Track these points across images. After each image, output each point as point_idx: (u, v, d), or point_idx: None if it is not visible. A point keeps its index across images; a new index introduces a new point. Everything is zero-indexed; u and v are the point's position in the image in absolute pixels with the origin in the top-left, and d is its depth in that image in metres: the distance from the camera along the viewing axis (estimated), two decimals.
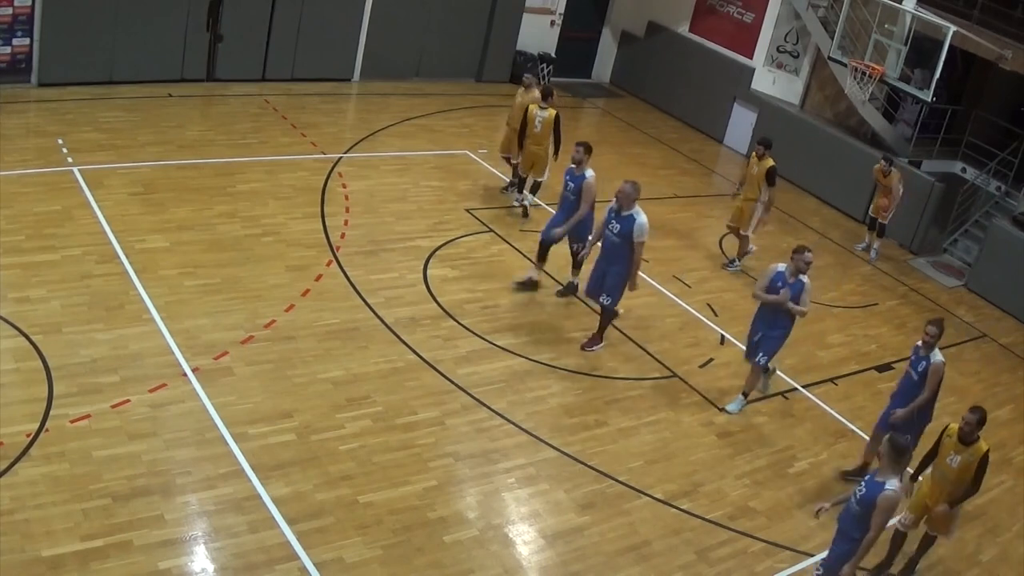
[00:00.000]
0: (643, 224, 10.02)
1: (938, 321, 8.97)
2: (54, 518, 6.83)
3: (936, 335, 8.87)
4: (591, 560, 7.69)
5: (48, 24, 14.22)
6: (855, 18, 16.24)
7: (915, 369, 9.02)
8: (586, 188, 10.98)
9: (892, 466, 6.86)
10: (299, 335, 9.71)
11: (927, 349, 8.89)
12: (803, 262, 9.52)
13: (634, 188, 10.01)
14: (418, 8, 18.07)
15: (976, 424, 7.75)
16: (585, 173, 11.05)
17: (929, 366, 8.85)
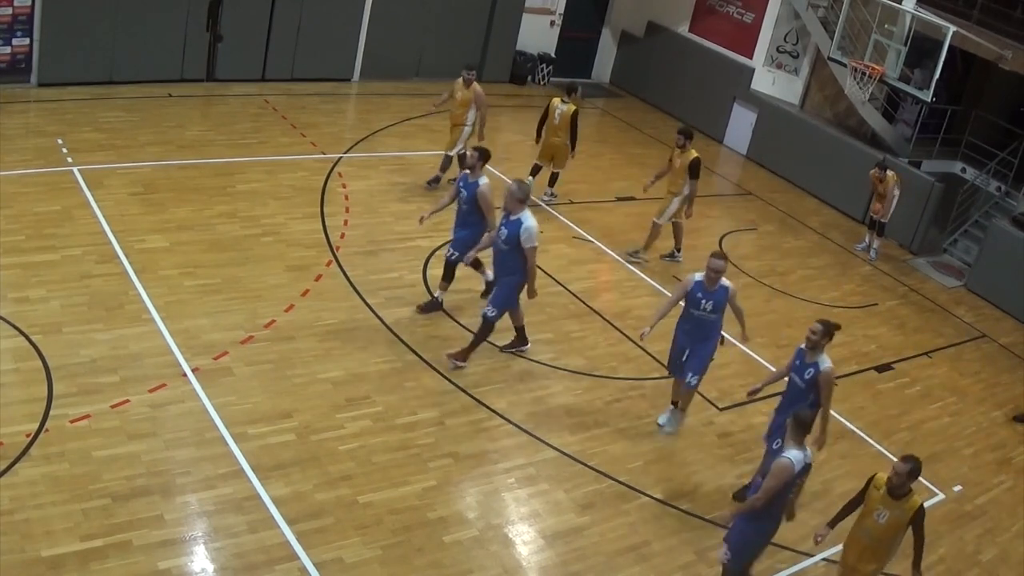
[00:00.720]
0: (531, 228, 9.19)
1: (825, 321, 8.10)
2: (54, 518, 6.83)
3: (820, 334, 7.95)
4: (591, 560, 7.69)
5: (48, 24, 14.22)
6: (855, 18, 16.25)
7: (800, 375, 8.12)
8: (480, 197, 10.01)
9: (795, 438, 6.90)
10: (299, 335, 9.71)
11: (812, 352, 8.02)
12: (711, 270, 8.77)
13: (520, 188, 9.25)
14: (418, 8, 18.07)
15: (908, 475, 6.75)
16: (479, 180, 10.07)
17: (817, 374, 7.97)
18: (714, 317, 9.00)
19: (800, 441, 6.90)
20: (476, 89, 13.25)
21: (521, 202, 9.24)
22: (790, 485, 6.92)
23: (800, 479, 7.07)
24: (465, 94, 13.28)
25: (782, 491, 6.88)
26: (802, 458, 6.86)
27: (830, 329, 7.99)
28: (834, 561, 8.27)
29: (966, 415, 11.32)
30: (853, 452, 10.00)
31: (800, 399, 8.03)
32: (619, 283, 12.53)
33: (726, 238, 14.79)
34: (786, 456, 6.83)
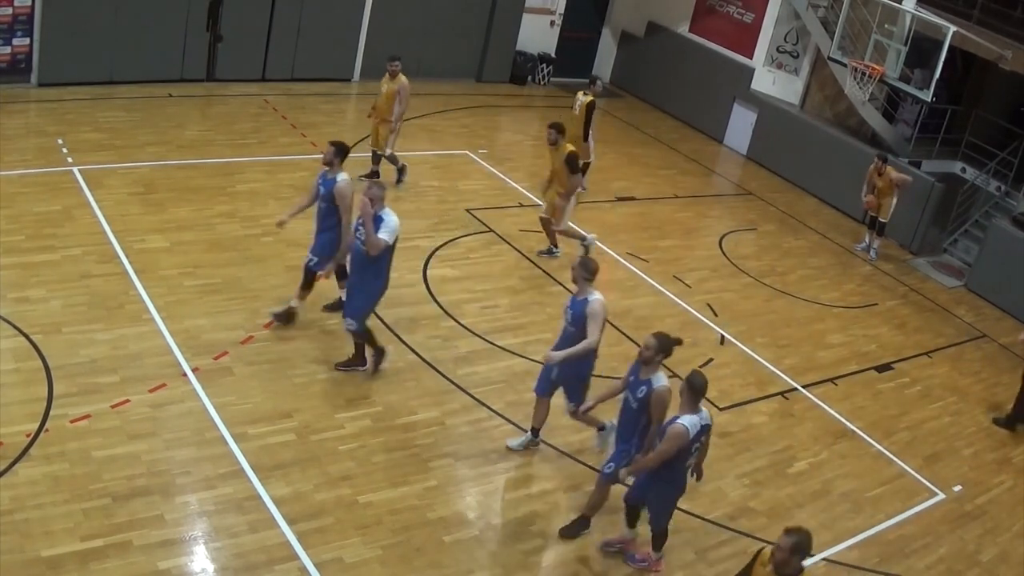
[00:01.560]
0: (391, 223, 8.57)
1: (661, 335, 7.25)
2: (54, 518, 6.83)
3: (655, 349, 7.12)
4: (591, 560, 7.68)
5: (48, 24, 14.22)
6: (855, 18, 16.25)
7: (634, 394, 7.32)
8: (338, 194, 9.30)
9: (689, 403, 7.01)
10: (299, 335, 9.70)
11: (646, 369, 7.23)
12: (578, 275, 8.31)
13: (381, 188, 8.63)
14: (418, 8, 18.07)
15: (791, 551, 5.75)
16: (337, 177, 9.39)
17: (650, 392, 7.16)
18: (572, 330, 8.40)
19: (695, 406, 6.99)
20: (402, 81, 12.77)
21: (382, 200, 8.56)
22: (685, 450, 7.01)
23: (701, 441, 7.21)
24: (391, 87, 12.83)
25: (676, 455, 7.00)
26: (697, 421, 6.98)
27: (666, 345, 7.16)
28: (834, 561, 8.29)
29: (966, 415, 11.32)
30: (853, 452, 10.00)
31: (633, 420, 7.33)
32: (619, 283, 12.53)
33: (726, 238, 14.79)
34: (680, 422, 6.89)
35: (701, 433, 7.10)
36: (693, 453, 7.20)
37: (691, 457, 7.21)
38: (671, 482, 7.26)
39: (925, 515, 9.26)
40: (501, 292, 11.48)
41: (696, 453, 7.26)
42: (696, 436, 7.03)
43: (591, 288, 8.41)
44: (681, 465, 7.17)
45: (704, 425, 7.12)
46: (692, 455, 7.20)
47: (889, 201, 14.85)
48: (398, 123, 13.01)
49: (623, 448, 7.49)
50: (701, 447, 7.31)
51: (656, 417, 7.22)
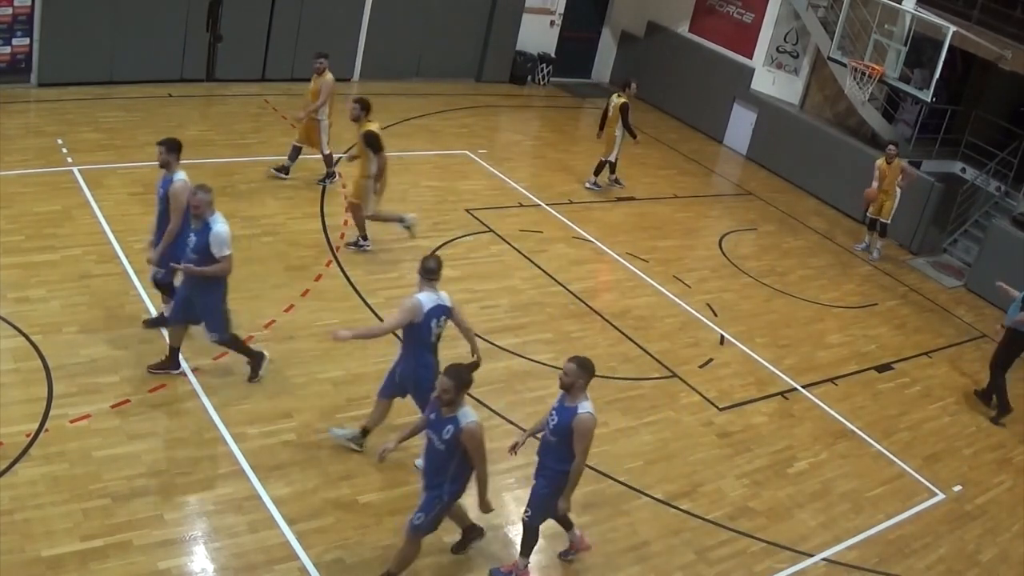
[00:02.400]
0: (221, 233, 8.03)
1: (454, 370, 6.48)
2: (54, 518, 6.83)
3: (454, 390, 6.34)
4: (591, 560, 7.69)
5: (48, 24, 14.22)
6: (855, 18, 16.25)
7: (438, 435, 6.50)
8: (172, 194, 8.58)
9: (583, 387, 6.82)
10: (299, 335, 9.71)
11: (448, 408, 6.42)
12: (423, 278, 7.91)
13: (207, 192, 8.04)
14: (418, 8, 18.07)
15: None
16: (174, 176, 8.63)
17: (459, 431, 6.37)
18: None
19: (584, 389, 6.81)
20: (326, 78, 12.58)
21: (209, 204, 8.05)
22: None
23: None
24: (316, 84, 12.66)
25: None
26: (590, 407, 6.81)
27: (465, 378, 6.46)
28: (834, 561, 8.30)
29: (966, 415, 11.32)
30: (853, 452, 10.00)
31: (442, 463, 6.55)
32: (619, 283, 12.54)
33: (726, 238, 14.79)
34: (586, 411, 6.73)
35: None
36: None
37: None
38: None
39: (925, 515, 9.26)
40: (501, 292, 11.48)
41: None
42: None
43: (433, 285, 7.97)
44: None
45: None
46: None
47: (892, 200, 14.84)
48: (306, 114, 12.68)
49: (434, 496, 6.60)
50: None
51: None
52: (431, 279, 7.83)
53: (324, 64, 12.61)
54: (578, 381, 6.66)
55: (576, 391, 6.66)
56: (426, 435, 6.62)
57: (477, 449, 6.43)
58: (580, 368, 6.71)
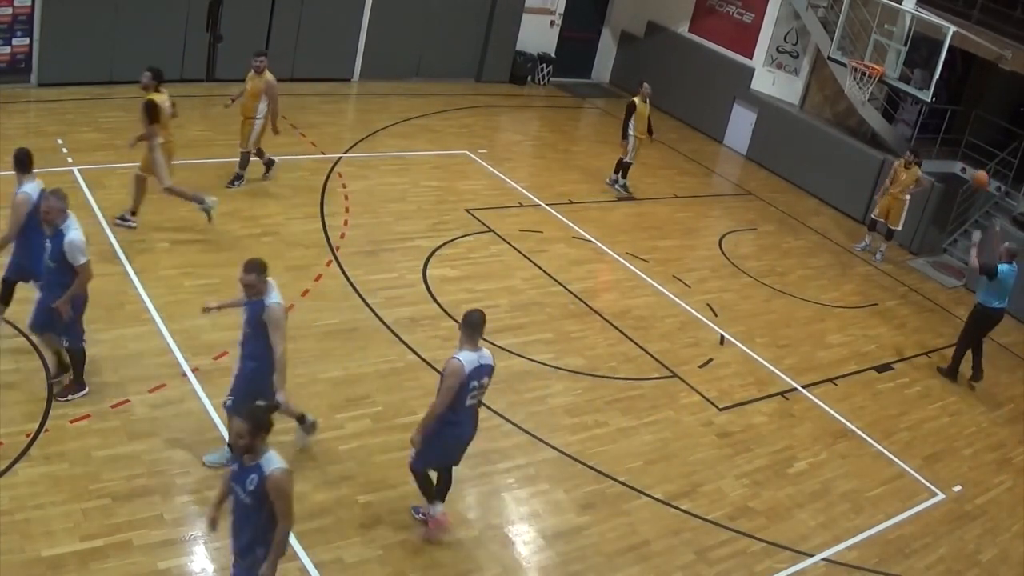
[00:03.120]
0: (75, 240, 7.58)
1: (250, 413, 5.48)
2: (54, 518, 6.83)
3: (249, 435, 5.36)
4: (591, 560, 7.69)
5: (48, 24, 14.23)
6: (855, 18, 16.25)
7: (242, 487, 5.48)
8: (13, 205, 8.09)
9: (467, 340, 7.03)
10: (299, 335, 9.68)
11: (250, 456, 5.45)
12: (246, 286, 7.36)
13: (59, 199, 7.57)
14: (418, 8, 18.07)
15: None
16: (21, 188, 8.11)
17: (264, 480, 5.38)
18: None
19: (474, 343, 6.99)
20: (268, 78, 12.11)
21: (62, 212, 7.59)
22: (465, 386, 6.95)
23: (480, 381, 7.08)
24: (256, 83, 12.14)
25: (458, 391, 6.93)
26: (476, 359, 6.94)
27: (263, 420, 5.46)
28: (834, 561, 8.30)
29: (966, 415, 11.32)
30: (853, 452, 10.00)
31: (250, 520, 5.54)
32: (619, 283, 12.54)
33: (726, 238, 14.80)
34: (456, 358, 6.89)
35: (479, 372, 7.04)
36: (471, 391, 7.06)
37: (470, 398, 7.09)
38: (451, 422, 7.11)
39: (925, 515, 9.26)
40: (501, 292, 11.48)
41: (476, 393, 7.15)
42: (472, 374, 6.97)
43: (269, 288, 7.43)
44: (462, 406, 7.05)
45: (483, 364, 7.06)
46: (471, 394, 7.08)
47: (901, 206, 14.81)
48: (273, 120, 12.34)
49: (247, 564, 5.63)
50: (480, 390, 7.18)
51: (280, 511, 5.45)
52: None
53: (264, 63, 12.15)
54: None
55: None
56: (232, 490, 5.60)
57: (283, 502, 5.43)
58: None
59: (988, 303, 11.59)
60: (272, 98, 12.20)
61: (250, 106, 12.29)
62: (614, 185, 15.58)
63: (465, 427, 7.25)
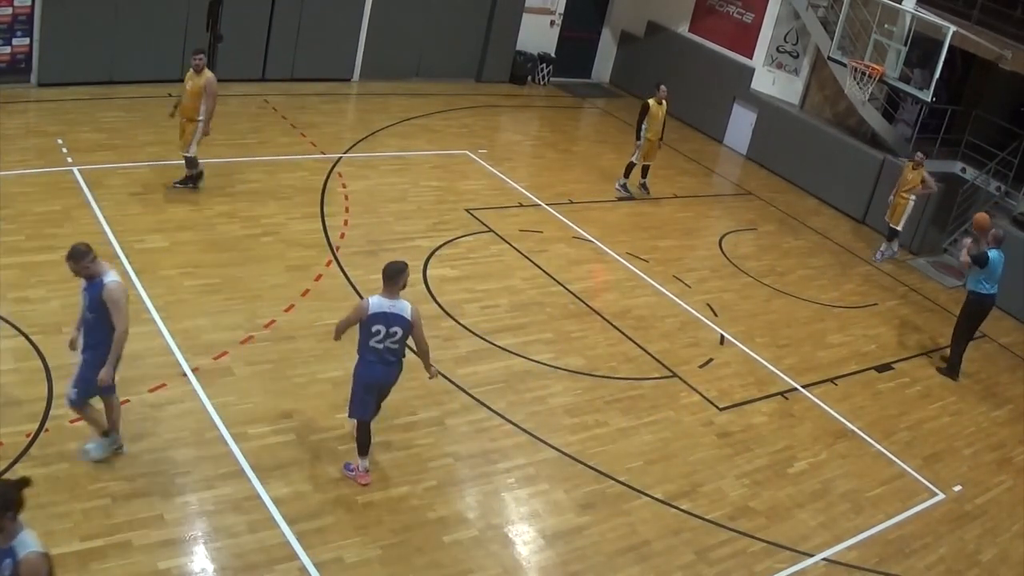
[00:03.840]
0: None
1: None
2: (53, 518, 6.83)
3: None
4: (591, 560, 7.69)
5: (48, 24, 14.23)
6: (855, 18, 16.24)
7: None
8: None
9: (385, 288, 7.44)
10: (299, 335, 9.71)
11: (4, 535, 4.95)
12: None
13: None
14: (418, 8, 18.07)
15: None
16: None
17: (18, 565, 4.89)
18: None
19: (391, 292, 7.43)
20: (208, 76, 11.65)
21: None
22: (366, 326, 7.41)
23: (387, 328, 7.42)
24: (196, 82, 11.63)
25: (361, 330, 7.43)
26: (385, 305, 7.39)
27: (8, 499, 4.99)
28: (834, 561, 8.30)
29: (966, 415, 11.32)
30: (853, 452, 10.00)
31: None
32: (619, 283, 12.54)
33: (726, 238, 14.79)
34: (366, 298, 7.52)
35: (388, 319, 7.39)
36: (375, 334, 7.42)
37: (375, 340, 7.43)
38: (363, 363, 7.58)
39: (925, 515, 9.26)
40: (501, 292, 11.49)
41: (382, 339, 7.46)
42: (377, 317, 7.37)
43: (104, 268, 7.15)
44: (365, 346, 7.49)
45: (392, 313, 7.41)
46: (375, 337, 7.43)
47: (904, 206, 14.84)
48: (207, 120, 11.85)
49: None
50: (388, 336, 7.46)
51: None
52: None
53: (203, 60, 11.65)
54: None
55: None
56: None
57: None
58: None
59: (979, 289, 11.80)
60: (211, 96, 11.68)
61: (192, 107, 11.73)
62: (625, 189, 15.55)
63: (372, 368, 7.60)
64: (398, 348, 7.64)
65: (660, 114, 15.16)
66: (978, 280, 11.77)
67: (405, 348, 7.71)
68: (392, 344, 7.57)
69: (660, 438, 9.47)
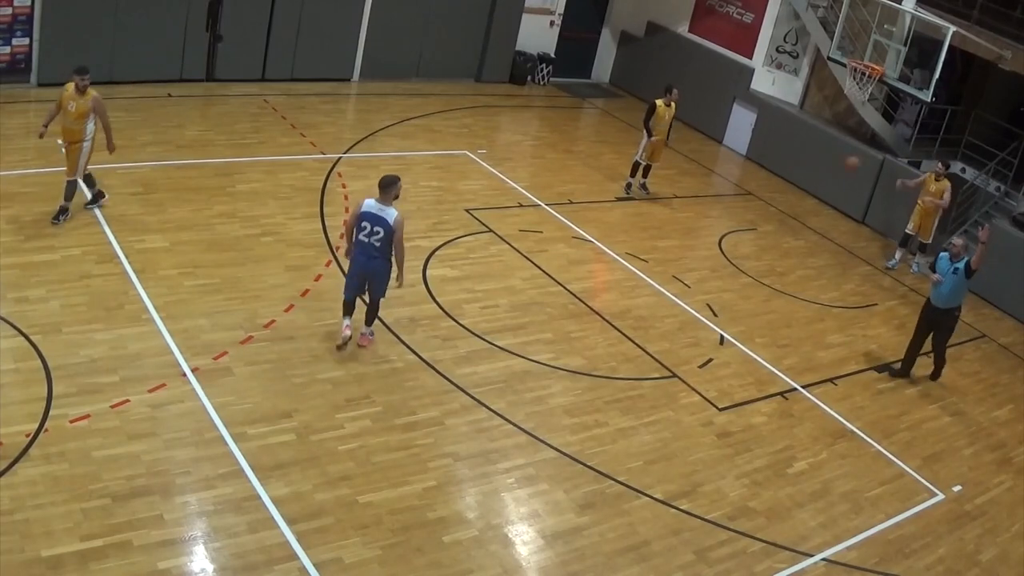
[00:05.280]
0: None
1: None
2: (54, 518, 6.83)
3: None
4: (590, 560, 7.69)
5: (48, 24, 14.22)
6: (855, 18, 16.24)
7: None
8: None
9: (381, 196, 9.03)
10: (299, 335, 9.71)
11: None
12: None
13: None
14: (418, 8, 18.07)
15: None
16: None
17: None
18: None
19: (384, 199, 9.05)
20: (93, 95, 10.79)
21: None
22: (357, 219, 9.09)
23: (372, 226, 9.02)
24: (81, 104, 10.69)
25: (353, 223, 9.18)
26: (375, 208, 9.04)
27: None
28: (834, 561, 8.30)
29: (966, 415, 11.32)
30: (853, 452, 10.00)
31: None
32: (619, 283, 12.54)
33: (726, 238, 14.80)
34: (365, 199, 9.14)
35: (373, 219, 9.02)
36: (362, 229, 9.09)
37: (362, 234, 9.09)
38: (356, 251, 9.25)
39: (924, 515, 9.26)
40: (501, 292, 11.49)
41: (367, 235, 9.07)
42: (366, 216, 9.04)
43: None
44: (355, 239, 9.18)
45: (378, 216, 9.00)
46: (362, 231, 9.08)
47: (933, 219, 14.72)
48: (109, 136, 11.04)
49: None
50: (372, 233, 9.06)
51: None
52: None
53: (88, 80, 10.72)
54: None
55: None
56: None
57: None
58: None
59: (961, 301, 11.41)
60: (101, 114, 10.93)
61: (78, 129, 10.81)
62: (628, 189, 15.57)
63: (358, 258, 9.29)
64: (380, 247, 9.15)
65: (667, 116, 15.16)
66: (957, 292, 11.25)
67: (389, 249, 9.19)
68: (375, 242, 9.12)
69: (660, 438, 9.47)
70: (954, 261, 11.11)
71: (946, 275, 11.13)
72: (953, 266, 11.09)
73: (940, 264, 11.27)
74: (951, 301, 11.28)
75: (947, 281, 11.13)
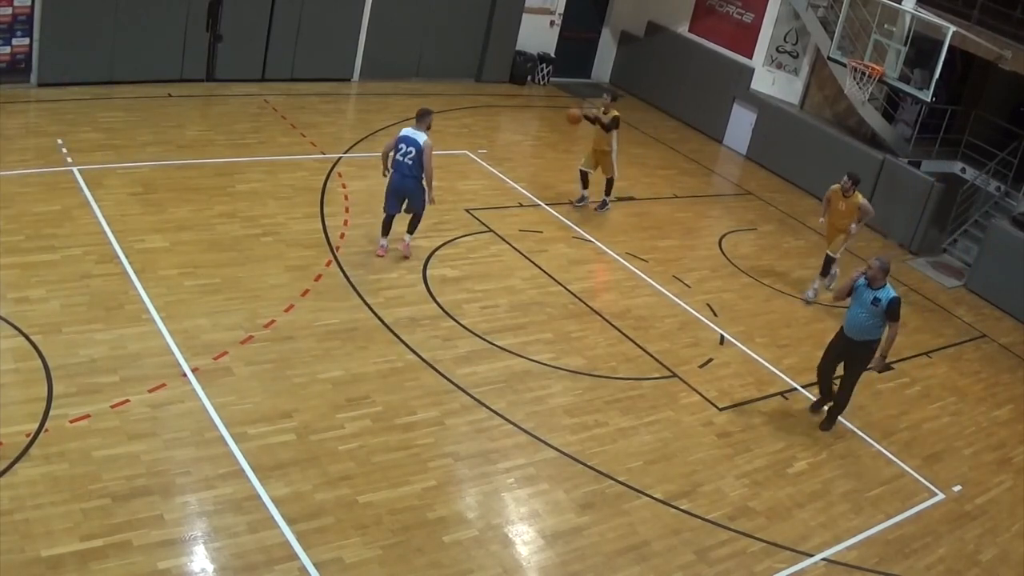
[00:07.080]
0: None
1: None
2: (53, 518, 6.83)
3: None
4: (590, 560, 7.69)
5: (48, 24, 14.22)
6: (855, 18, 16.24)
7: None
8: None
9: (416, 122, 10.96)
10: (299, 335, 9.71)
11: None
12: None
13: None
14: (418, 8, 18.07)
15: None
16: None
17: None
18: None
19: (419, 126, 10.95)
20: None
21: None
22: (396, 142, 10.99)
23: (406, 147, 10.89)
24: None
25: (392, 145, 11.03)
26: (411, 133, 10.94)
27: None
28: (834, 561, 8.30)
29: (966, 415, 11.33)
30: (853, 452, 10.00)
31: None
32: (619, 283, 12.54)
33: (726, 238, 14.80)
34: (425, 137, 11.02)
35: (407, 141, 10.91)
36: (399, 150, 10.93)
37: (398, 154, 10.92)
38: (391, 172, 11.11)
39: (925, 515, 9.26)
40: (501, 292, 11.49)
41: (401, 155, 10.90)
42: (402, 139, 10.96)
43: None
44: (394, 159, 11.00)
45: (411, 138, 10.90)
46: (399, 152, 10.92)
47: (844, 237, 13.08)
48: None
49: None
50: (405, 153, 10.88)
51: None
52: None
53: None
54: None
55: None
56: None
57: None
58: None
59: None
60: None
61: None
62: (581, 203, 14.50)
63: (394, 176, 11.08)
64: (412, 166, 10.90)
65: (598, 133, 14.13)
66: None
67: (420, 170, 10.94)
68: (408, 160, 10.89)
69: (660, 438, 9.47)
70: (873, 287, 9.62)
71: (865, 305, 9.63)
72: (873, 295, 9.60)
73: (858, 292, 9.68)
74: (868, 334, 9.73)
75: (865, 312, 9.63)
